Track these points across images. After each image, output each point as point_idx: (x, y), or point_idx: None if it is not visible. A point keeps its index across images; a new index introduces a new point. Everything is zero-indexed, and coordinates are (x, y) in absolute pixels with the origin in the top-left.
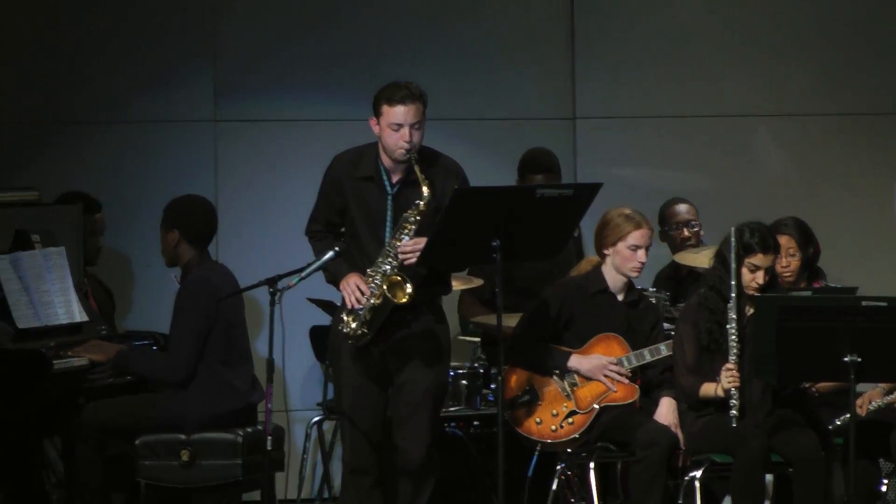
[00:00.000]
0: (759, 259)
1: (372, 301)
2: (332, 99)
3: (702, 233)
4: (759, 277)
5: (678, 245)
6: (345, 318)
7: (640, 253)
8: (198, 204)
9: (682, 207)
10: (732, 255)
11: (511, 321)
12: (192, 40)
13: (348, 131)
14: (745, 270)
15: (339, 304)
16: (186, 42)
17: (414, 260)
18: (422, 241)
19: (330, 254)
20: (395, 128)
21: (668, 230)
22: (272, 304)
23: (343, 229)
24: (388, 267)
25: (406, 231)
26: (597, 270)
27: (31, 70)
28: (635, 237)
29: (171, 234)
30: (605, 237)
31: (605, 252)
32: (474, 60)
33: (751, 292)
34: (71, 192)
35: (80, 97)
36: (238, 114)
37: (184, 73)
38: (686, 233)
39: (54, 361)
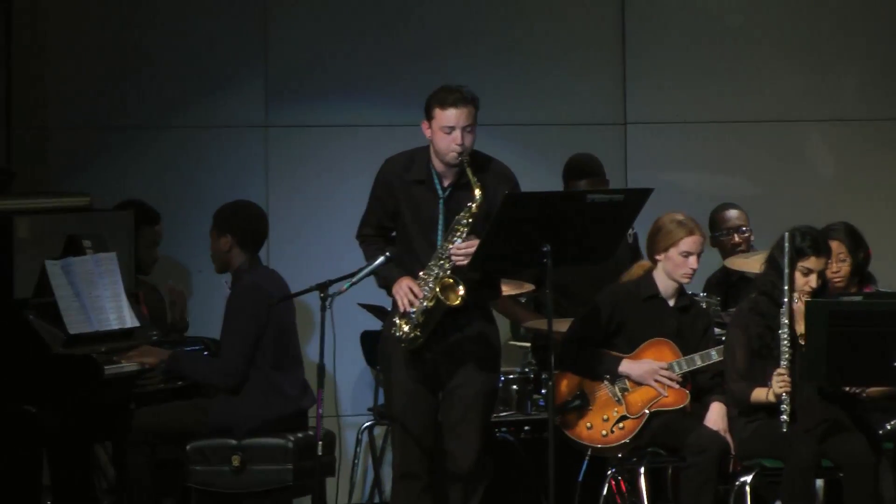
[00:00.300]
0: (811, 262)
1: (424, 304)
2: (384, 104)
3: (752, 238)
4: (812, 281)
5: (729, 250)
6: (397, 321)
7: (692, 259)
8: (249, 209)
9: (732, 213)
10: (786, 259)
11: (562, 326)
12: (244, 45)
13: (399, 136)
14: (797, 274)
15: (389, 309)
16: (238, 46)
17: (466, 262)
18: (474, 243)
19: (381, 259)
20: (447, 131)
21: (719, 235)
22: (323, 309)
23: (394, 234)
24: (439, 270)
25: (458, 233)
26: (648, 276)
27: (84, 76)
28: (687, 243)
29: (222, 240)
30: (657, 243)
31: (657, 258)
32: (526, 65)
33: (803, 297)
34: (129, 201)
35: (132, 102)
36: (289, 119)
37: (235, 77)
38: (737, 238)
39: (105, 367)
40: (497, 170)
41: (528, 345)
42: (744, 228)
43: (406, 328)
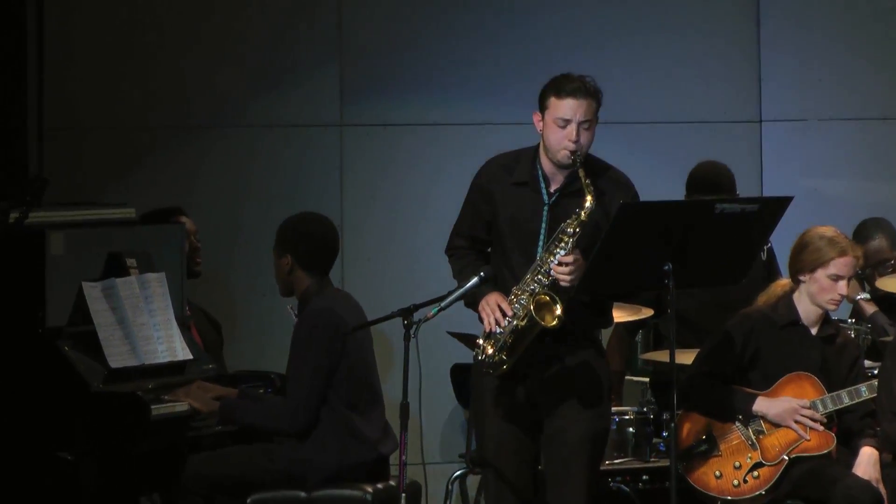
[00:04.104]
0: None
1: (514, 323)
2: (479, 100)
3: None
4: None
5: (873, 282)
6: (481, 342)
7: (842, 284)
8: (313, 223)
9: (874, 244)
10: None
11: (685, 358)
12: (317, 38)
13: (495, 136)
14: None
15: (478, 338)
16: (311, 40)
17: (569, 280)
18: (579, 259)
19: (475, 280)
20: (561, 123)
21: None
22: (407, 338)
23: (490, 249)
24: (536, 285)
25: (562, 245)
26: (787, 299)
27: (132, 72)
28: (838, 266)
29: (283, 260)
30: (802, 262)
31: (801, 278)
32: (652, 60)
33: None
34: (161, 210)
35: (183, 100)
36: (366, 117)
37: (307, 73)
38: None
39: (152, 406)
40: (615, 178)
41: (647, 380)
42: (890, 261)
43: (490, 350)
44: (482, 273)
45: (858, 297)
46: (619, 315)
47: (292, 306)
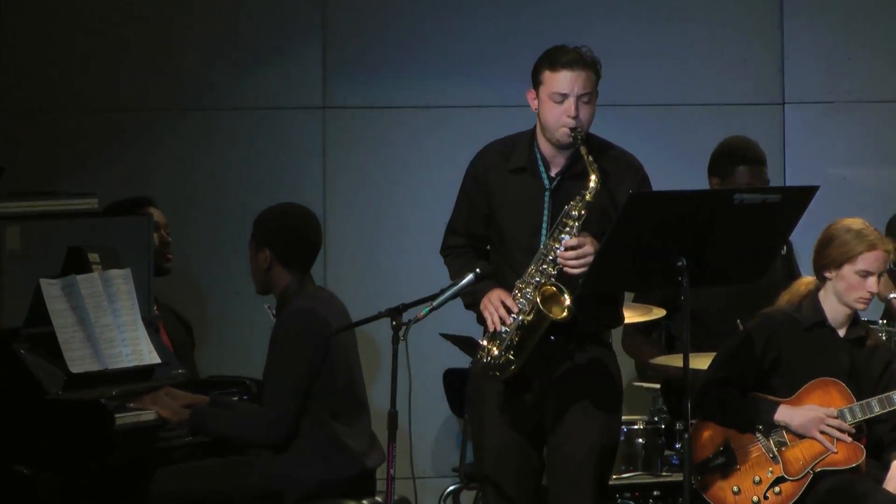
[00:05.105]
0: None
1: (521, 318)
2: (476, 82)
3: None
4: None
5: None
6: (485, 343)
7: (871, 281)
8: (294, 215)
9: None
10: None
11: (701, 363)
12: (299, 16)
13: (489, 119)
14: None
15: (480, 339)
16: (293, 18)
17: (577, 267)
18: (587, 240)
19: (470, 276)
20: (557, 98)
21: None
22: (395, 341)
23: (489, 247)
24: (541, 276)
25: (567, 230)
26: (813, 297)
27: (98, 52)
28: (867, 260)
29: (261, 255)
30: (829, 257)
31: (827, 275)
32: (665, 37)
33: None
34: (127, 200)
35: (169, 81)
36: (352, 99)
37: (288, 52)
38: None
39: (117, 415)
40: (621, 157)
41: (658, 387)
42: None
43: (496, 351)
44: (478, 269)
45: (891, 295)
46: (629, 315)
47: (270, 306)
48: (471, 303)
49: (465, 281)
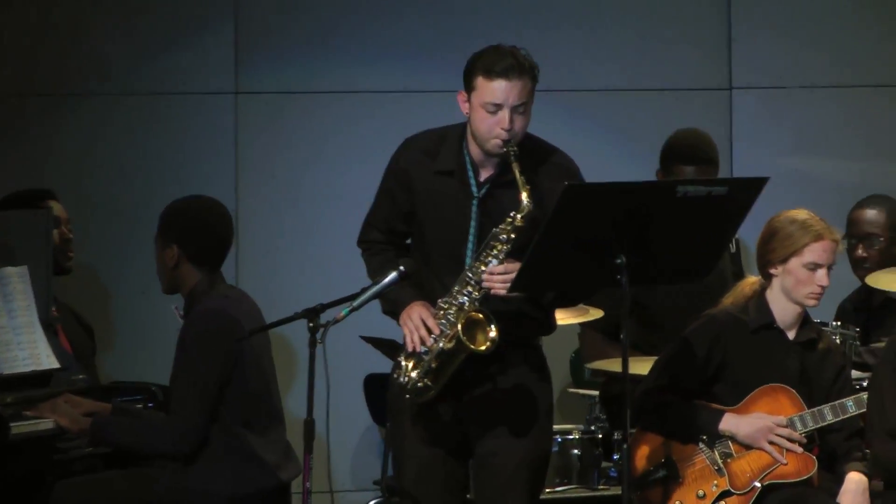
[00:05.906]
0: None
1: (441, 344)
2: (398, 67)
3: None
4: None
5: (854, 264)
6: (403, 362)
7: (821, 273)
8: (204, 209)
9: (868, 214)
10: None
11: (642, 367)
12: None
13: (411, 106)
14: None
15: (398, 354)
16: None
17: (503, 289)
18: (515, 267)
19: (393, 275)
20: (491, 109)
21: (847, 243)
22: (312, 344)
23: (409, 241)
24: (466, 298)
25: (495, 252)
26: (759, 298)
27: (11, 34)
28: (814, 252)
29: (168, 251)
30: (773, 251)
31: (772, 272)
32: (606, 17)
33: None
34: (25, 192)
35: (70, 63)
36: (265, 84)
37: (199, 35)
38: (860, 251)
39: (11, 424)
40: (557, 163)
41: (595, 393)
42: (879, 238)
43: (413, 374)
44: (402, 268)
45: None
46: (563, 317)
47: (177, 306)
48: (390, 310)
49: (387, 279)
